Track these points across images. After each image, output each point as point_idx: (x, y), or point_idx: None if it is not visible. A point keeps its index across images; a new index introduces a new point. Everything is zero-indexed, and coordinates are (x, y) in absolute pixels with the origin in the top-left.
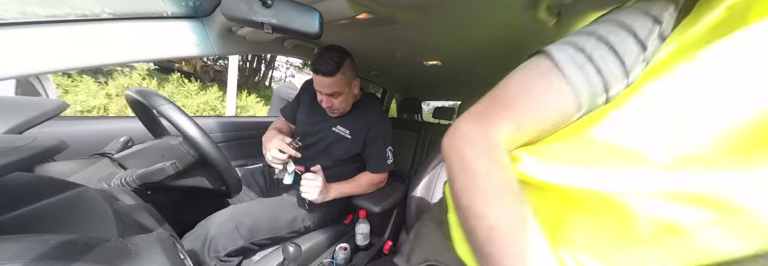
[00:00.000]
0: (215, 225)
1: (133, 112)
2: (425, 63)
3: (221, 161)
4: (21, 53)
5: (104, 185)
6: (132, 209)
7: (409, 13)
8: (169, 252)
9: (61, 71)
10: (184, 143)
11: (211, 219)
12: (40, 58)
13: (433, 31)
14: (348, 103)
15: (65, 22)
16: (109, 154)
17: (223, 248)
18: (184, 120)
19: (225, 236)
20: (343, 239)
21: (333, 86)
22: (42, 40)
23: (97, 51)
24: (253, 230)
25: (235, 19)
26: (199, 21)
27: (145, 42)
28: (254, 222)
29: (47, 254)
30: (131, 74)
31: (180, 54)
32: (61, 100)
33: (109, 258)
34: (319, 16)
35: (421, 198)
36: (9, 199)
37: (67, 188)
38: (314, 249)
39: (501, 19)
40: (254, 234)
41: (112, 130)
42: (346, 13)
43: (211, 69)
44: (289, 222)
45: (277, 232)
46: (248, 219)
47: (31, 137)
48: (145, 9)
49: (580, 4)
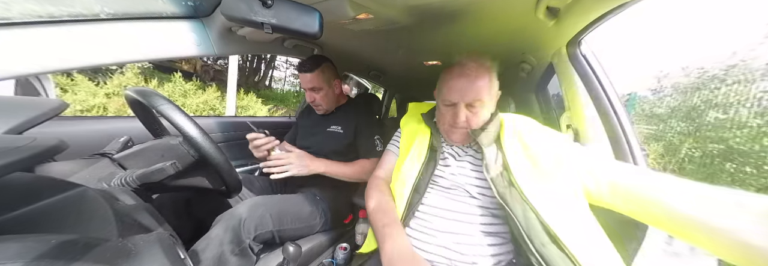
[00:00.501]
0: (247, 208)
1: (133, 112)
2: (425, 63)
3: (221, 161)
4: (21, 53)
5: (104, 185)
6: (132, 209)
7: (409, 14)
8: (169, 252)
9: (61, 71)
10: (184, 143)
11: (241, 204)
12: (40, 58)
13: (433, 31)
14: (330, 99)
15: (65, 22)
16: (109, 154)
17: (254, 229)
18: (184, 120)
19: (256, 219)
20: (343, 239)
21: (313, 81)
22: (42, 40)
23: (97, 51)
24: (281, 218)
25: (235, 19)
26: (199, 21)
27: (145, 42)
28: (280, 211)
29: (47, 254)
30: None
31: (180, 54)
32: (61, 100)
33: (109, 258)
34: (319, 17)
35: None
36: (9, 199)
37: (67, 188)
38: (314, 249)
39: (501, 20)
40: (282, 223)
41: (112, 130)
42: (346, 13)
43: (211, 69)
44: (308, 215)
45: (299, 223)
46: (275, 207)
47: (31, 137)
48: (145, 9)
49: (580, 4)
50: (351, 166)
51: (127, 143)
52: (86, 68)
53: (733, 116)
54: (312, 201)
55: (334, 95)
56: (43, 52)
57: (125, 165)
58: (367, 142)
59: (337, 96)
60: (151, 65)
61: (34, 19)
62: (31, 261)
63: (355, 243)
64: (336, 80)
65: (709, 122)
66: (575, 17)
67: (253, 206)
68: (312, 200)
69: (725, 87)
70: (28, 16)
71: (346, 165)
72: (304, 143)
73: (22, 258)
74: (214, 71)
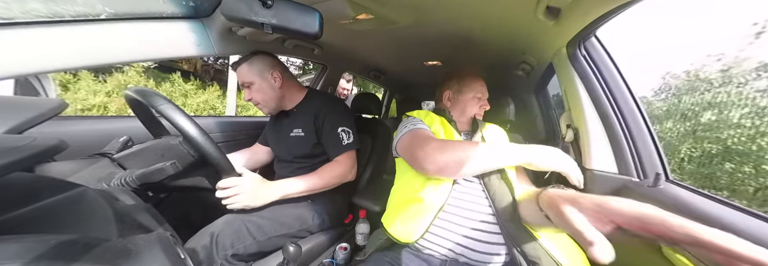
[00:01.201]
0: (221, 223)
1: (133, 112)
2: (425, 63)
3: (221, 161)
4: (21, 53)
5: (104, 185)
6: (132, 209)
7: (409, 14)
8: (169, 252)
9: (61, 71)
10: (184, 143)
11: (218, 220)
12: (40, 58)
13: (433, 31)
14: (266, 95)
15: (66, 22)
16: (109, 154)
17: (231, 246)
18: (183, 120)
19: (232, 234)
20: (343, 239)
21: (242, 76)
22: (42, 40)
23: (97, 51)
24: (262, 227)
25: (235, 20)
26: (199, 21)
27: (146, 42)
28: (260, 220)
29: (47, 254)
30: (127, 72)
31: (180, 54)
32: (61, 100)
33: (109, 258)
34: (319, 17)
35: None
36: (9, 199)
37: (67, 188)
38: (314, 249)
39: (501, 20)
40: (266, 232)
41: (112, 130)
42: (346, 13)
43: (211, 68)
44: (297, 217)
45: (288, 228)
46: (253, 217)
47: (31, 137)
48: (145, 9)
49: (581, 4)
50: (317, 176)
51: (127, 143)
52: (86, 67)
53: (727, 117)
54: (302, 204)
55: (271, 90)
56: (44, 52)
57: (125, 165)
58: (330, 138)
59: (278, 90)
60: (155, 64)
61: (35, 19)
62: (31, 261)
63: (355, 243)
64: (272, 71)
65: (704, 123)
66: (575, 17)
67: (227, 221)
68: (302, 203)
69: (719, 87)
70: (29, 16)
71: (310, 177)
72: (274, 150)
73: (22, 258)
74: (214, 71)
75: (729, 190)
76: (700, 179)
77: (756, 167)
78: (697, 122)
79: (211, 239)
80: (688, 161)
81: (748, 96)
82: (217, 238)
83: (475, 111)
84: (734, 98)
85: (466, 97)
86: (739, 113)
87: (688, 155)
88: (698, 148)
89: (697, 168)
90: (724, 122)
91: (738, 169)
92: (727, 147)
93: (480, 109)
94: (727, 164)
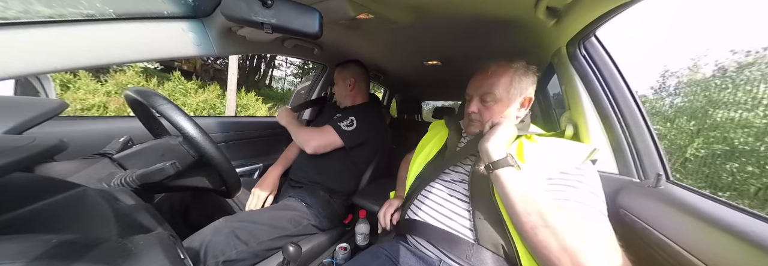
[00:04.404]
0: (211, 230)
1: (133, 111)
2: (425, 63)
3: (221, 161)
4: (21, 53)
5: (104, 185)
6: (132, 209)
7: (409, 14)
8: (169, 252)
9: (61, 71)
10: (184, 143)
11: (208, 227)
12: (40, 58)
13: (433, 31)
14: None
15: (65, 22)
16: (109, 154)
17: (221, 253)
18: (183, 120)
19: (222, 241)
20: (343, 239)
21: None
22: (42, 40)
23: (96, 51)
24: (254, 232)
25: (235, 19)
26: (199, 21)
27: (145, 42)
28: (251, 226)
29: (47, 254)
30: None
31: (180, 54)
32: (61, 100)
33: (109, 258)
34: (319, 17)
35: None
36: (9, 199)
37: (67, 188)
38: (314, 249)
39: (501, 20)
40: (259, 236)
41: (112, 130)
42: (346, 13)
43: (211, 68)
44: (290, 220)
45: (283, 231)
46: (242, 224)
47: (31, 137)
48: (144, 9)
49: (581, 4)
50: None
51: (127, 143)
52: (86, 68)
53: (739, 116)
54: (295, 206)
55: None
56: (44, 52)
57: (125, 165)
58: (337, 118)
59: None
60: (157, 65)
61: (34, 19)
62: (31, 261)
63: (355, 243)
64: (351, 79)
65: (714, 122)
66: (575, 17)
67: (216, 228)
68: (295, 205)
69: (733, 87)
70: (28, 16)
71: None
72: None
73: (22, 258)
74: (213, 70)
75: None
76: (702, 180)
77: (760, 167)
78: (705, 122)
79: (201, 246)
80: (692, 160)
81: (758, 96)
82: (207, 246)
83: (465, 121)
84: (748, 96)
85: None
86: (753, 112)
87: (693, 155)
88: (704, 148)
89: (698, 168)
90: (735, 121)
91: (741, 169)
92: (733, 147)
93: (470, 113)
94: (730, 163)
